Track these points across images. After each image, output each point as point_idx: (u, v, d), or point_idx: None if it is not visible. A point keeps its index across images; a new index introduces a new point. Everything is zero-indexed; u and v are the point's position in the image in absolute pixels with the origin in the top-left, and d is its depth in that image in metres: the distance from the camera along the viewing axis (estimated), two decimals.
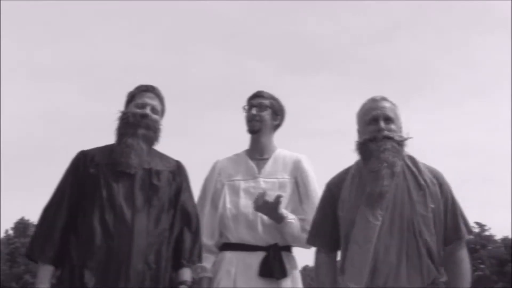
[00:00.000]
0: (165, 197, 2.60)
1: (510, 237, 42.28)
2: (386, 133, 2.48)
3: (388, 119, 2.52)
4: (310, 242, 2.66)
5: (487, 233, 44.29)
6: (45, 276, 2.48)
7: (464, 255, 2.54)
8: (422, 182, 2.49)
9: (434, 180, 2.53)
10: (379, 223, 2.41)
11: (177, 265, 2.62)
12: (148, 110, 2.63)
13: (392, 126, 2.52)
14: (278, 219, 2.80)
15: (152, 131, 2.64)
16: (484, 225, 44.41)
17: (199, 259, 2.70)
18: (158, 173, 2.62)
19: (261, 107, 3.03)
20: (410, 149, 2.62)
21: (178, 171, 2.72)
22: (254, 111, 3.03)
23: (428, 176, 2.53)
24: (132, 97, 2.70)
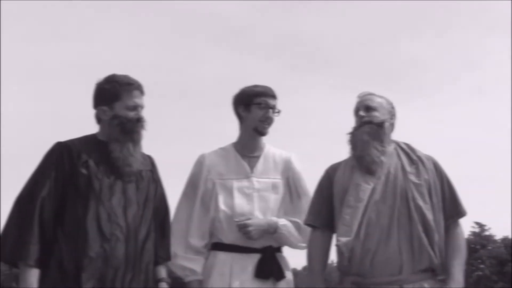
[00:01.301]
0: (150, 198, 2.60)
1: (510, 237, 42.20)
2: (365, 119, 2.66)
3: (369, 108, 2.68)
4: (307, 221, 2.73)
5: (487, 233, 44.21)
6: (34, 280, 2.34)
7: (460, 231, 2.66)
8: (415, 158, 2.64)
9: (429, 158, 2.68)
10: (370, 186, 2.55)
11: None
12: (141, 113, 2.58)
13: (375, 114, 2.67)
14: (271, 230, 2.78)
15: (143, 132, 2.60)
16: (484, 225, 44.35)
17: (169, 255, 2.72)
18: (141, 173, 2.60)
19: (275, 111, 2.91)
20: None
21: (153, 168, 2.70)
22: (271, 114, 2.89)
23: (422, 153, 2.68)
24: (117, 94, 2.54)
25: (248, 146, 2.94)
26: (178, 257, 2.79)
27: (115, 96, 2.54)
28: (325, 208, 2.69)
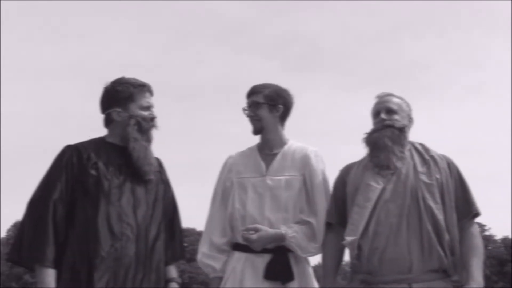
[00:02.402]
0: (159, 198, 2.62)
1: (510, 237, 42.29)
2: (387, 122, 2.64)
3: (390, 111, 2.68)
4: (327, 218, 2.75)
5: (487, 233, 44.28)
6: (51, 280, 2.37)
7: (475, 230, 2.64)
8: (427, 157, 2.64)
9: (442, 157, 2.67)
10: (380, 186, 2.55)
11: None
12: (154, 112, 2.64)
13: (396, 117, 2.67)
14: (279, 240, 2.75)
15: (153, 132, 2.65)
16: (484, 225, 44.42)
17: (182, 255, 2.75)
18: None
19: (256, 106, 2.89)
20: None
21: (161, 170, 2.72)
22: (250, 111, 2.90)
23: (435, 153, 2.68)
24: (131, 96, 2.60)
25: (264, 144, 2.96)
26: (203, 254, 2.86)
27: (129, 97, 2.59)
28: (339, 207, 2.71)
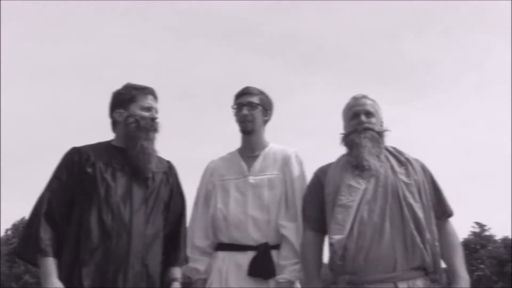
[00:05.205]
0: (160, 198, 2.63)
1: (510, 237, 42.24)
2: (366, 125, 2.70)
3: (369, 114, 2.74)
4: (306, 225, 2.74)
5: (487, 233, 44.23)
6: (53, 268, 2.41)
7: (451, 228, 2.73)
8: (403, 159, 2.71)
9: (416, 160, 2.75)
10: (361, 187, 2.58)
11: (167, 264, 2.64)
12: (155, 114, 2.67)
13: (373, 120, 2.73)
14: None
15: (156, 134, 2.68)
16: (484, 225, 44.38)
17: (186, 259, 2.75)
18: (153, 174, 2.64)
19: (252, 106, 2.95)
20: (412, 148, 2.72)
21: (170, 172, 2.74)
22: (245, 110, 2.94)
23: (409, 156, 2.75)
24: (132, 97, 2.67)
25: (246, 146, 3.01)
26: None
27: (130, 98, 2.66)
28: (316, 211, 2.71)
